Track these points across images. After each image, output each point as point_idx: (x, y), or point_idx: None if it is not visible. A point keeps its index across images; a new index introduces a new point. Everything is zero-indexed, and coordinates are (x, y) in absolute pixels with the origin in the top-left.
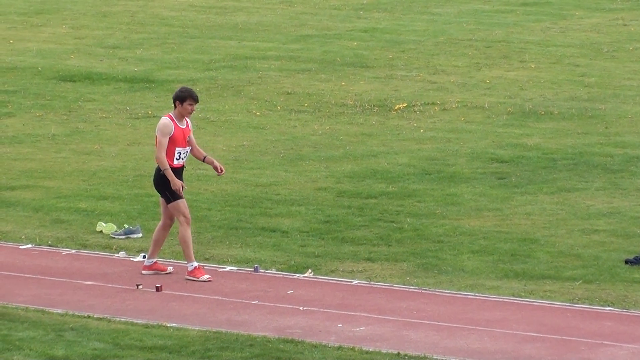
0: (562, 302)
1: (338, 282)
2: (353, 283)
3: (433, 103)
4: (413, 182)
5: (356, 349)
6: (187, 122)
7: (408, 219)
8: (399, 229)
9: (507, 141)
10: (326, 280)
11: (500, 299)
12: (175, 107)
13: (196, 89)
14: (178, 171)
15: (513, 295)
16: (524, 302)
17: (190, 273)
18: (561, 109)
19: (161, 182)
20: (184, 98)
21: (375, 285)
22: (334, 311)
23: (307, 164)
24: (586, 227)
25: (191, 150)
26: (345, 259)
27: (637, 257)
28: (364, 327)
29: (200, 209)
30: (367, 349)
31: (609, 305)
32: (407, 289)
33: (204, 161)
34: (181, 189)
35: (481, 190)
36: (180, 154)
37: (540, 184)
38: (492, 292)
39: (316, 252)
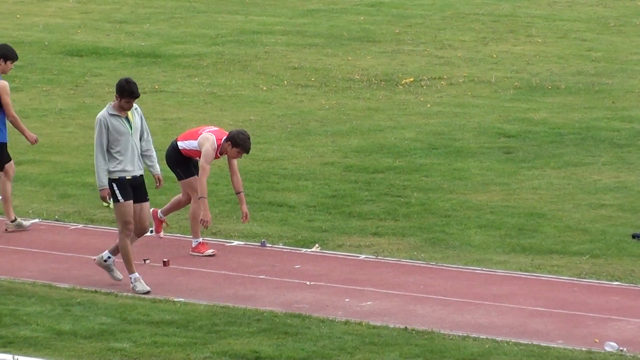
0: (570, 276)
1: (345, 256)
2: (360, 258)
3: (440, 78)
4: (420, 156)
5: (363, 323)
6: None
7: (415, 194)
8: (406, 204)
9: (514, 116)
10: (333, 255)
11: (508, 274)
12: (226, 142)
13: (202, 64)
14: (187, 160)
15: (520, 270)
16: (531, 277)
17: (195, 249)
18: (568, 84)
19: (174, 160)
20: (237, 144)
21: (382, 260)
22: (341, 286)
23: (314, 138)
24: (593, 202)
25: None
26: (352, 234)
27: None
28: (371, 302)
29: (207, 184)
30: (375, 324)
31: (616, 280)
32: (414, 264)
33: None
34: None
35: (488, 165)
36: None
37: (547, 159)
38: (499, 266)
39: (323, 227)
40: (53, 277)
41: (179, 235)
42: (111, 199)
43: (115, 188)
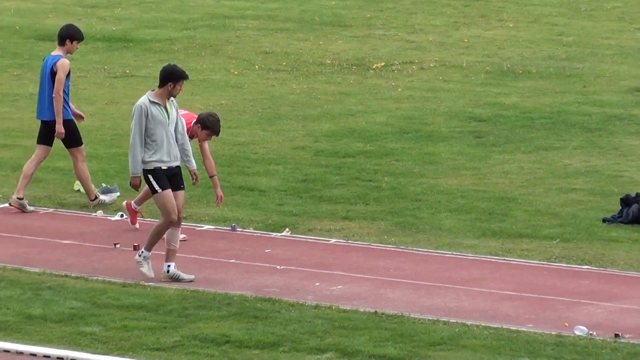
0: (540, 260)
1: (315, 240)
2: (330, 242)
3: (411, 62)
4: (391, 141)
5: (333, 307)
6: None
7: (386, 178)
8: (377, 188)
9: (484, 100)
10: (304, 239)
11: (478, 258)
12: (196, 123)
13: (174, 48)
14: None
15: (490, 254)
16: (502, 261)
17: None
18: (539, 68)
19: None
20: (206, 127)
21: (352, 244)
22: (311, 270)
23: (285, 123)
24: (564, 186)
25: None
26: (322, 218)
27: (615, 215)
28: (342, 286)
29: None
30: (345, 308)
31: (586, 264)
32: (385, 248)
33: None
34: None
35: (459, 149)
36: None
37: (518, 143)
38: (469, 250)
39: (294, 211)
40: (23, 261)
41: (149, 219)
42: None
43: (152, 179)
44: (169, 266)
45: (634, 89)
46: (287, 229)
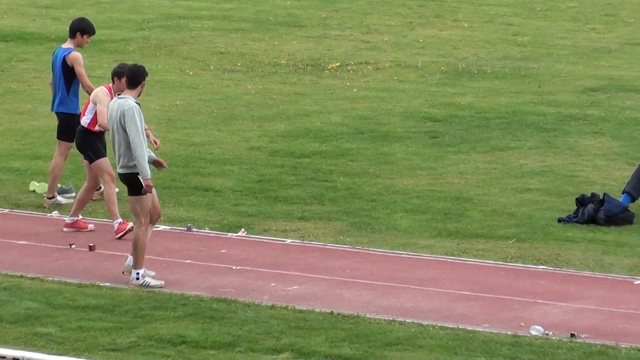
0: (496, 260)
1: (271, 241)
2: (286, 242)
3: (366, 62)
4: (346, 141)
5: (289, 307)
6: None
7: (341, 178)
8: (332, 188)
9: (440, 100)
10: (259, 240)
11: (434, 258)
12: (112, 81)
13: (129, 48)
14: (98, 137)
15: (446, 254)
16: (457, 261)
17: (118, 230)
18: (494, 68)
19: (84, 142)
20: (122, 74)
21: (308, 244)
22: (267, 270)
23: (240, 123)
24: (519, 186)
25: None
26: (278, 218)
27: (570, 215)
28: (297, 286)
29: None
30: (300, 308)
31: (542, 264)
32: (341, 248)
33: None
34: None
35: (414, 150)
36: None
37: (473, 143)
38: (425, 250)
39: (249, 212)
40: None
41: (104, 220)
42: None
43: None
44: (137, 273)
45: (589, 88)
46: (243, 230)
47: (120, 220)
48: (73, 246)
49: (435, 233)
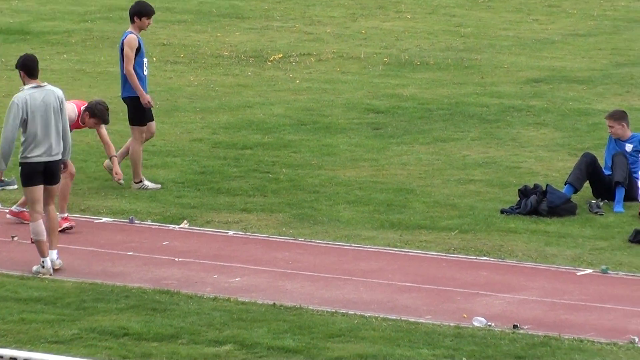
0: (438, 252)
1: (214, 233)
2: (229, 234)
3: (309, 54)
4: (289, 132)
5: (232, 299)
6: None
7: (284, 170)
8: (275, 180)
9: (383, 92)
10: (202, 231)
11: (376, 249)
12: (84, 112)
13: (71, 40)
14: None
15: (389, 246)
16: (400, 253)
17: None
18: (437, 59)
19: None
20: (95, 115)
21: (251, 236)
22: (209, 262)
23: (183, 115)
24: (462, 177)
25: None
26: (221, 210)
27: (513, 206)
28: (240, 278)
29: (76, 161)
30: (243, 300)
31: (484, 255)
32: (283, 240)
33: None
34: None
35: (357, 141)
36: None
37: (416, 134)
38: (367, 242)
39: (192, 203)
40: None
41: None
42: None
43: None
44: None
45: (531, 80)
46: (185, 221)
47: (65, 214)
48: (15, 238)
49: (377, 224)
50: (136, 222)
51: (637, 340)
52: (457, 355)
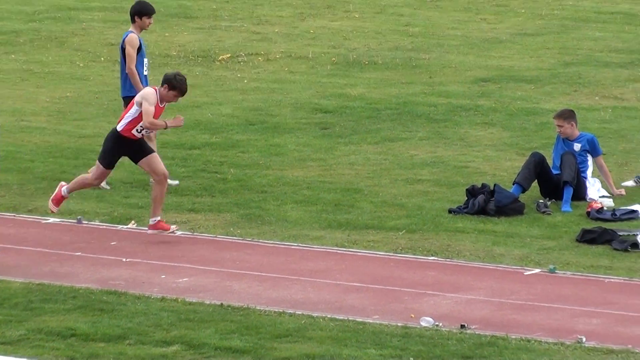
0: (386, 252)
1: (161, 233)
2: (176, 234)
3: (257, 53)
4: (237, 132)
5: (179, 300)
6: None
7: (232, 170)
8: (223, 180)
9: (331, 91)
10: (150, 232)
11: (324, 249)
12: (162, 85)
13: (19, 40)
14: (129, 142)
15: (336, 246)
16: (348, 252)
17: (153, 226)
18: (385, 59)
19: (108, 142)
20: (174, 87)
21: (198, 237)
22: (157, 262)
23: None
24: (410, 177)
25: None
26: (168, 210)
27: (461, 206)
28: (187, 278)
29: (23, 161)
30: (191, 300)
31: (432, 255)
32: (231, 240)
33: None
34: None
35: (305, 141)
36: (143, 128)
37: (364, 134)
38: (315, 242)
39: (139, 204)
40: None
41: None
42: None
43: None
44: None
45: (479, 79)
46: (133, 222)
47: (158, 218)
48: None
49: (325, 224)
50: (84, 222)
51: (584, 339)
52: (405, 355)
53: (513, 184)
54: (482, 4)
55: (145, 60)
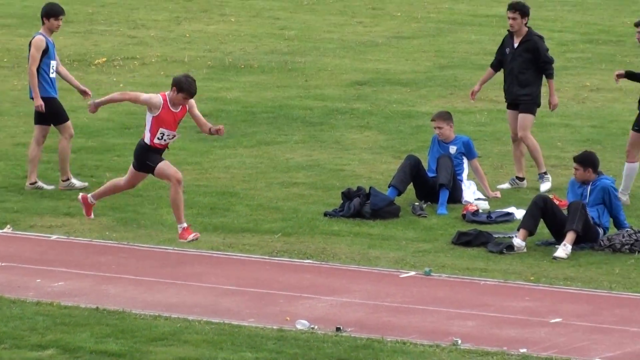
0: (262, 255)
1: (37, 237)
2: (52, 238)
3: (133, 57)
4: (112, 136)
5: (54, 304)
6: (186, 107)
7: (107, 174)
8: (98, 184)
9: (207, 95)
10: (25, 236)
11: (200, 253)
12: (171, 90)
13: None
14: (158, 150)
15: (212, 249)
16: (223, 256)
17: (180, 236)
18: (261, 63)
19: (141, 156)
20: (182, 89)
21: (74, 240)
22: (32, 267)
23: (7, 119)
24: (285, 180)
25: (198, 124)
26: (44, 214)
27: (336, 209)
28: (63, 282)
29: None
30: (66, 304)
31: (308, 258)
32: (106, 244)
33: (209, 133)
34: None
35: (181, 144)
36: (164, 135)
37: (239, 138)
38: (191, 246)
39: (15, 208)
40: None
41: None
42: None
43: None
44: None
45: (355, 82)
46: (9, 226)
47: (184, 225)
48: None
49: (201, 228)
50: None
51: (459, 341)
52: (280, 358)
53: (389, 187)
54: (358, 7)
55: (54, 62)
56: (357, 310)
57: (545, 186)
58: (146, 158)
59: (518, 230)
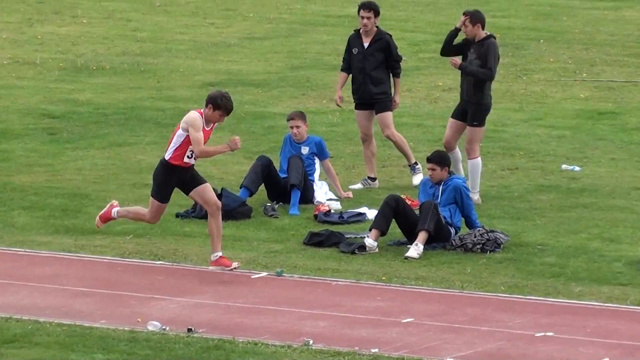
0: (113, 256)
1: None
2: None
3: None
4: None
5: None
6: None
7: None
8: None
9: (58, 97)
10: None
11: (51, 255)
12: (206, 106)
13: None
14: (184, 169)
15: (64, 251)
16: (75, 257)
17: (214, 263)
18: (113, 64)
19: (158, 175)
20: (219, 107)
21: None
22: None
23: None
24: (137, 182)
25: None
26: None
27: (188, 210)
28: None
29: None
30: None
31: (159, 259)
32: None
33: None
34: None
35: (32, 146)
36: (193, 153)
37: (91, 139)
38: (42, 247)
39: None
40: None
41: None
42: None
43: None
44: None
45: (207, 83)
46: None
47: (220, 253)
48: None
49: (53, 230)
50: None
51: (311, 342)
52: None
53: (240, 188)
54: (210, 8)
55: None
56: (208, 311)
57: (418, 178)
58: (160, 182)
59: (370, 230)
